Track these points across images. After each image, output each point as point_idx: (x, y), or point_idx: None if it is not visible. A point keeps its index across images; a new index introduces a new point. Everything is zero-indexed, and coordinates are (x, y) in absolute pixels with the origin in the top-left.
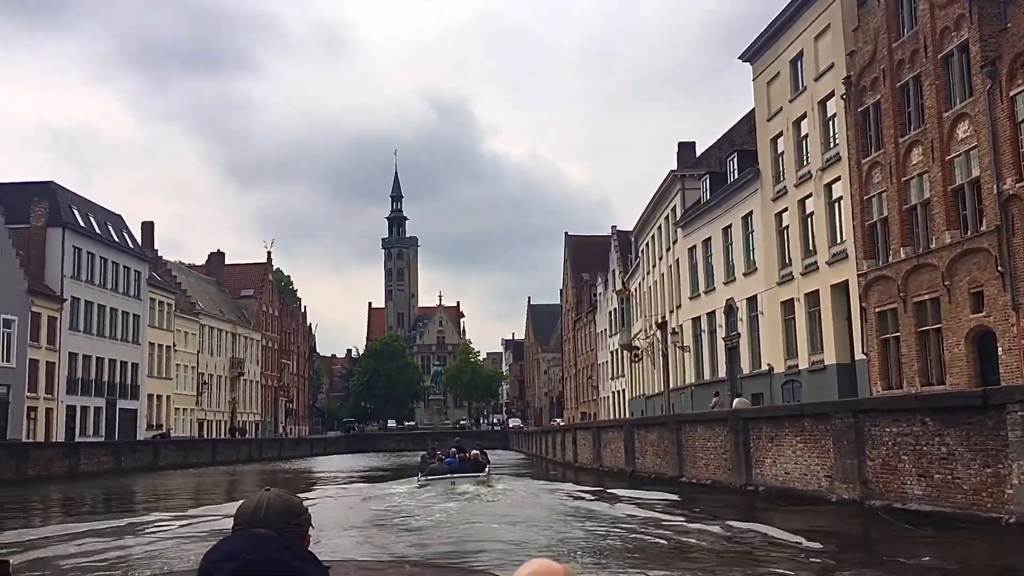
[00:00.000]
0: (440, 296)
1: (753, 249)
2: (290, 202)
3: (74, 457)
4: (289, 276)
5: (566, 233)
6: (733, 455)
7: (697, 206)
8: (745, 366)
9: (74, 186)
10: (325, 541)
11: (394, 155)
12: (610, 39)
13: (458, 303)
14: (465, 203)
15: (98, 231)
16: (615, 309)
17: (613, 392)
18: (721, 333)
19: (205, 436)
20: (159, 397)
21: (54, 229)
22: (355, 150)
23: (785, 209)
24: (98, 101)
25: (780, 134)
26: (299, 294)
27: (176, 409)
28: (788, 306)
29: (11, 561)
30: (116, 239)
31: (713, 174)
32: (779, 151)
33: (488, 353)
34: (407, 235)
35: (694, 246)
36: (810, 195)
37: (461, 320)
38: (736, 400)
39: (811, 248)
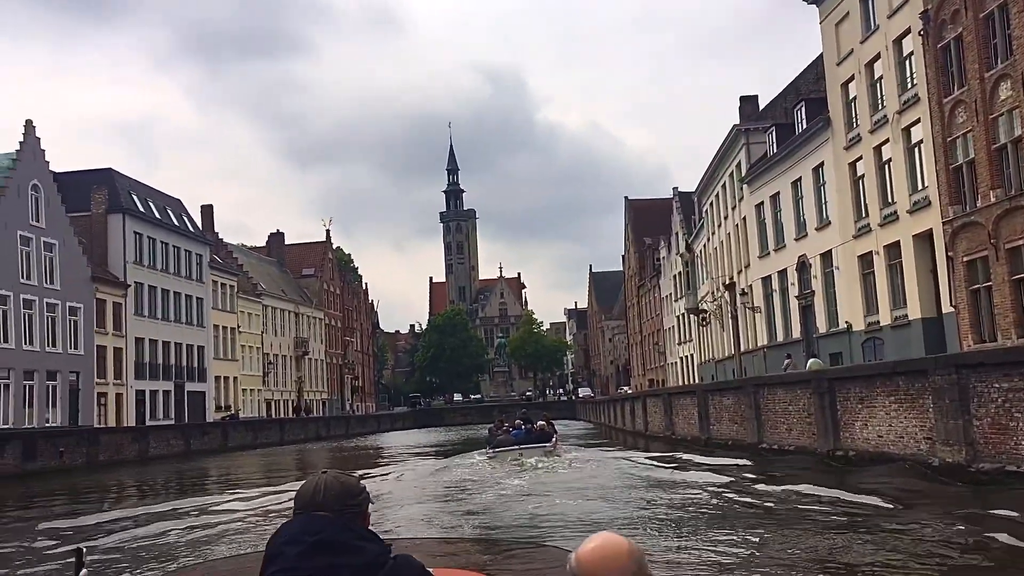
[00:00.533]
0: (500, 268)
1: (826, 202)
2: (348, 182)
3: (144, 441)
4: (350, 254)
5: (626, 198)
6: (818, 418)
7: (763, 160)
8: (821, 325)
9: (138, 175)
10: (391, 515)
11: (448, 128)
12: None
13: (519, 274)
14: (522, 175)
15: (158, 216)
16: (680, 272)
17: (681, 358)
18: (794, 292)
19: (272, 416)
20: (226, 379)
21: (115, 215)
22: (410, 127)
23: (859, 158)
24: (159, 91)
25: (851, 78)
26: (360, 272)
27: (243, 390)
28: (866, 260)
29: (83, 548)
30: (176, 223)
31: (779, 126)
32: (851, 96)
33: (551, 323)
34: (464, 208)
35: (761, 202)
36: (887, 141)
37: (523, 291)
38: (810, 361)
39: (890, 197)
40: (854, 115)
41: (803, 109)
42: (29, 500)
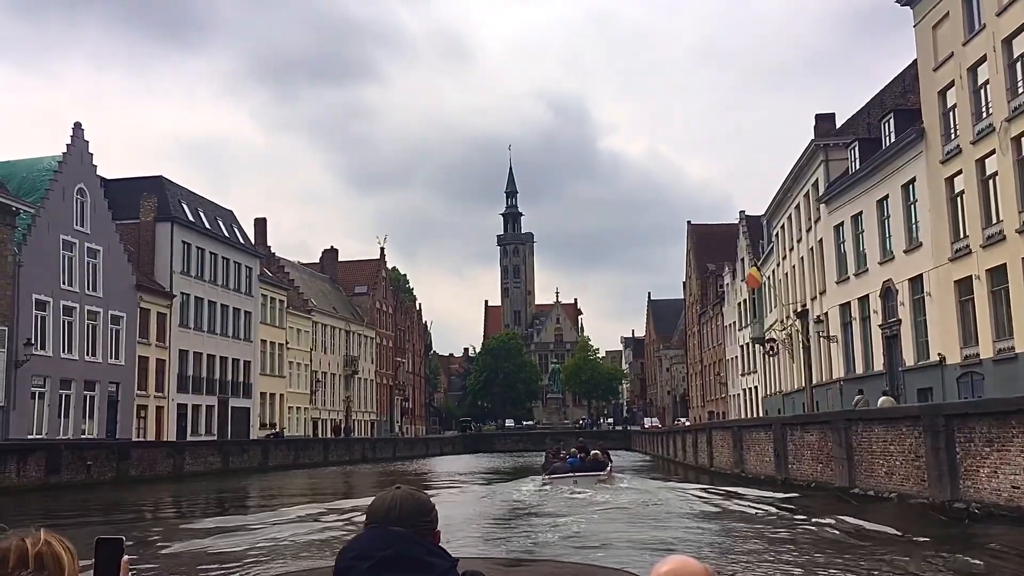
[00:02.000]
0: (557, 293)
1: (916, 222)
2: (410, 205)
3: (179, 456)
4: (405, 275)
5: (689, 222)
6: (930, 462)
7: (844, 178)
8: (908, 357)
9: (203, 194)
10: (450, 537)
11: (508, 150)
12: (726, 29)
13: (575, 300)
14: (582, 202)
15: (208, 226)
16: (745, 300)
17: (744, 389)
18: (877, 320)
19: (319, 436)
20: (272, 395)
21: (163, 224)
22: (473, 152)
23: (959, 172)
24: (229, 114)
25: (951, 84)
26: (415, 292)
27: (289, 408)
28: (964, 285)
29: (124, 538)
30: (226, 234)
31: (863, 140)
32: (949, 105)
33: (607, 351)
34: (523, 231)
35: (841, 223)
36: (992, 152)
37: (579, 317)
38: (881, 399)
39: (995, 216)
40: (953, 125)
41: (891, 121)
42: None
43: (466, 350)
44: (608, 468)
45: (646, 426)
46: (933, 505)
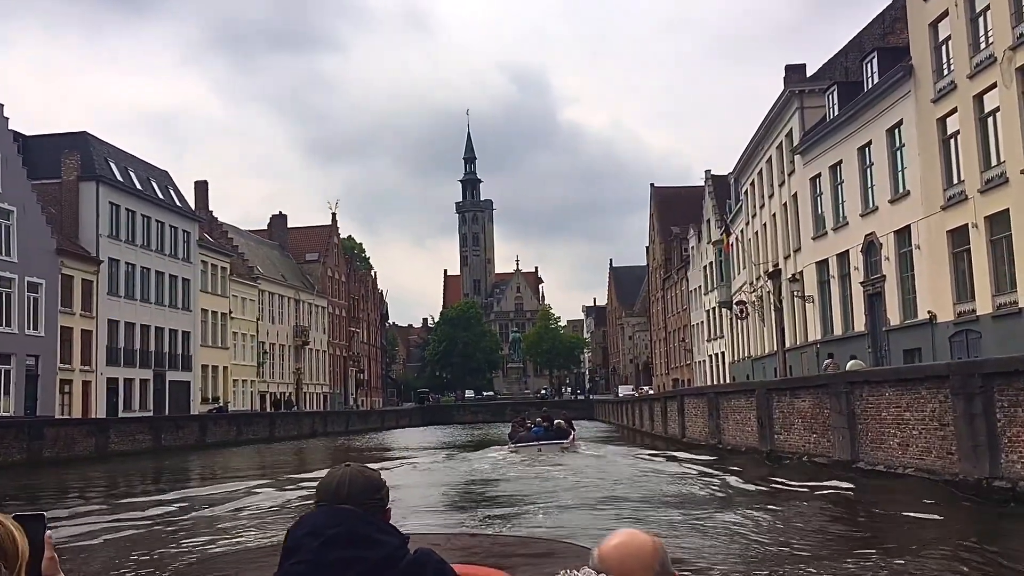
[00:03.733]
0: (517, 261)
1: (903, 169)
2: (373, 178)
3: (102, 435)
4: (361, 243)
5: (652, 184)
6: (964, 431)
7: (821, 126)
8: (893, 316)
9: (165, 167)
10: (408, 511)
11: (466, 115)
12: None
13: (536, 268)
14: (544, 174)
15: (139, 187)
16: (711, 263)
17: (710, 355)
18: (858, 277)
19: (267, 410)
20: (215, 368)
21: (87, 183)
22: (435, 124)
23: (952, 111)
24: (188, 84)
25: (944, 14)
26: (372, 261)
27: (235, 381)
28: (959, 235)
29: (45, 514)
30: (160, 195)
31: (842, 84)
32: (941, 37)
33: (569, 320)
34: (482, 198)
35: (818, 175)
36: (992, 87)
37: (540, 286)
38: (850, 362)
39: (995, 157)
40: (946, 60)
41: (874, 61)
42: None
43: (425, 320)
44: (571, 436)
45: (620, 394)
46: (964, 483)
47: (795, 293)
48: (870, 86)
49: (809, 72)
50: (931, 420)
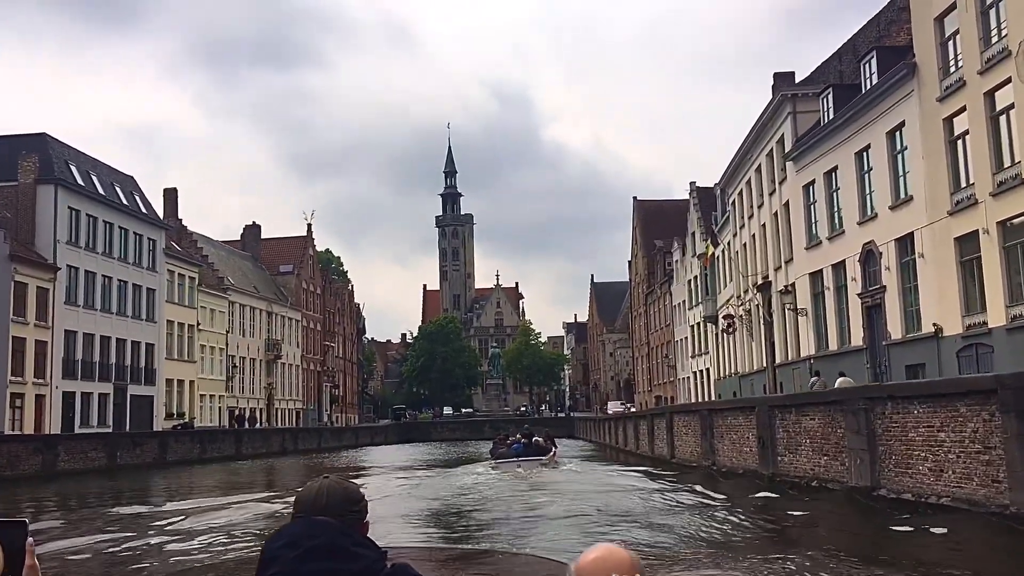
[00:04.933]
0: (497, 275)
1: (905, 173)
2: (354, 194)
3: (50, 452)
4: (339, 257)
5: (635, 198)
6: (1015, 457)
7: (815, 130)
8: (894, 330)
9: (144, 181)
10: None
11: (447, 128)
12: (670, 17)
13: (516, 284)
14: (526, 191)
15: (101, 191)
16: (696, 276)
17: (695, 372)
18: (855, 288)
19: (233, 426)
20: (180, 382)
21: (45, 187)
22: (417, 141)
23: (961, 110)
24: (168, 98)
25: (951, 7)
26: (351, 277)
27: (201, 396)
28: (967, 242)
29: (27, 520)
30: (125, 202)
31: (838, 87)
32: (948, 32)
33: (549, 337)
34: (462, 212)
35: (812, 181)
36: (1006, 82)
37: (520, 302)
38: (839, 380)
39: (1007, 158)
40: (954, 56)
41: (873, 60)
42: None
43: (404, 335)
44: (552, 452)
45: (610, 411)
46: (1016, 516)
47: (787, 306)
48: (868, 87)
49: (797, 79)
50: (972, 442)
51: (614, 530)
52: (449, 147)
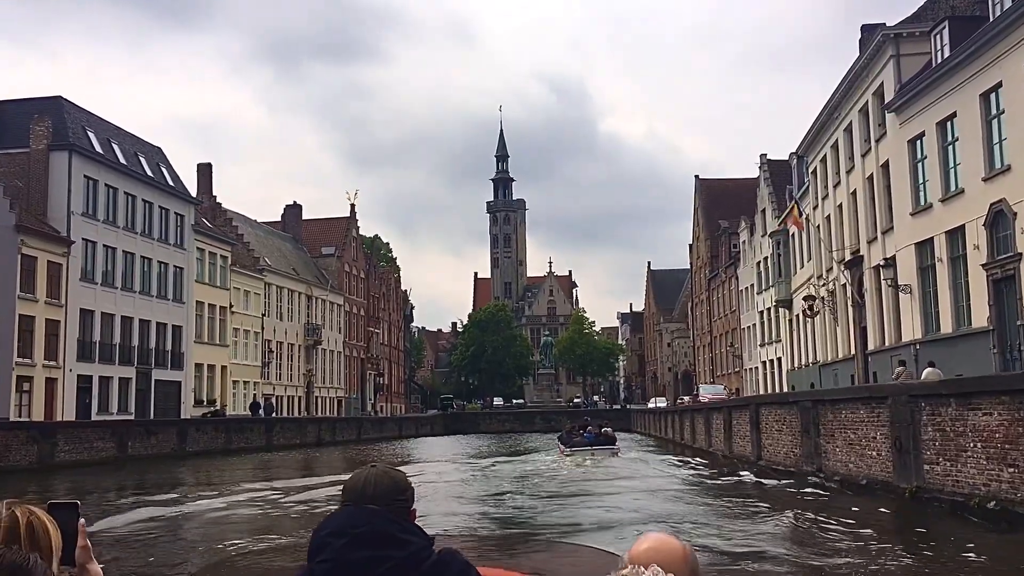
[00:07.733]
0: (550, 263)
1: None
2: (410, 186)
3: (46, 442)
4: (388, 243)
5: (696, 176)
6: None
7: (925, 74)
8: None
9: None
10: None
11: (499, 111)
12: (727, 8)
13: (570, 272)
14: (582, 183)
15: (123, 161)
16: (767, 257)
17: (763, 362)
18: (978, 258)
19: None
20: (211, 367)
21: (59, 154)
22: (474, 134)
23: None
24: (233, 94)
25: None
26: (404, 266)
27: (234, 382)
28: None
29: (79, 502)
30: (150, 172)
31: (956, 20)
32: None
33: (603, 327)
34: (514, 198)
35: (920, 134)
36: None
37: (574, 290)
38: (927, 371)
39: None
40: None
41: None
42: None
43: (454, 324)
44: (616, 443)
45: (705, 397)
46: None
47: (887, 282)
48: (996, 14)
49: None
50: None
51: None
52: (501, 130)
